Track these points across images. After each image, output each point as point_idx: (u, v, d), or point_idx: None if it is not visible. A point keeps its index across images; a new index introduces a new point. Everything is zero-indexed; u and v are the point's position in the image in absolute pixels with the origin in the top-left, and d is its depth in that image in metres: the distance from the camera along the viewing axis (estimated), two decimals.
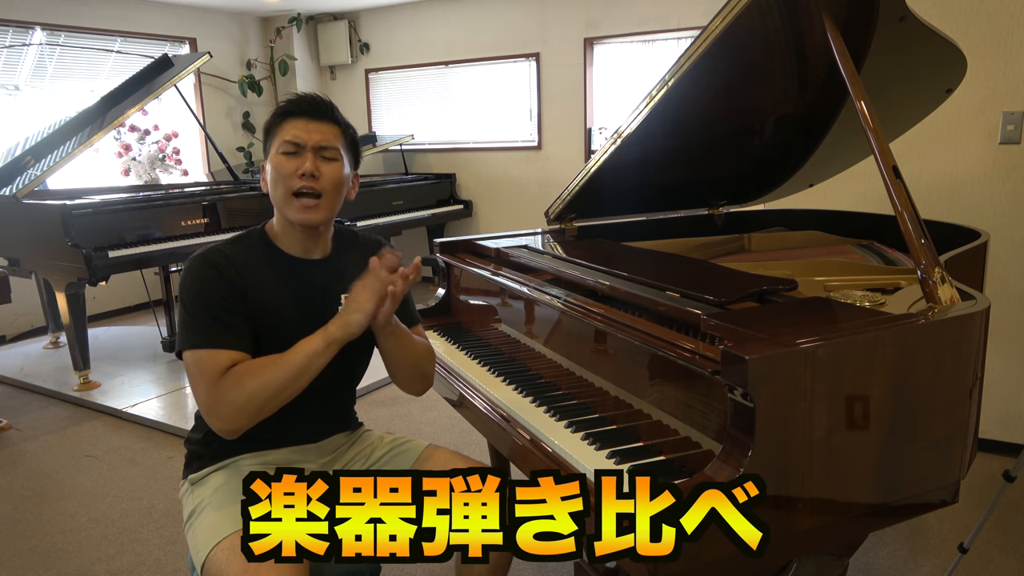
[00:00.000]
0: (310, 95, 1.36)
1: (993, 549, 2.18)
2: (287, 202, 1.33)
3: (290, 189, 1.32)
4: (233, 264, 1.33)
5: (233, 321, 1.29)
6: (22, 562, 2.30)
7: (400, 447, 1.53)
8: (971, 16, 2.57)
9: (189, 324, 1.29)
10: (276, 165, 1.33)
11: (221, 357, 1.26)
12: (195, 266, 1.32)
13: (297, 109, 1.34)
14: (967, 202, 2.70)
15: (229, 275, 1.31)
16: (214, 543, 1.24)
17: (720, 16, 1.44)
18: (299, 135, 1.32)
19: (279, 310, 1.35)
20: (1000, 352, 2.70)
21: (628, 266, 1.57)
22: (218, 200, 4.21)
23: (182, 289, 1.32)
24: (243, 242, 1.39)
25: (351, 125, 1.41)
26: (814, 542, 1.14)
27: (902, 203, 1.30)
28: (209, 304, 1.29)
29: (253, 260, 1.36)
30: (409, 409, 3.43)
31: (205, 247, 1.35)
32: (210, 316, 1.28)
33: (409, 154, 6.21)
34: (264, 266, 1.37)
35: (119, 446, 3.15)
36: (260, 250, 1.39)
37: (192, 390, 1.33)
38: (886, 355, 1.10)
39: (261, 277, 1.35)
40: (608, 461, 1.21)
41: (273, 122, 1.36)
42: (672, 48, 4.93)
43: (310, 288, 1.39)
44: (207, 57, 4.33)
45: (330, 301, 1.41)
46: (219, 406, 1.24)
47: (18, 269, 3.89)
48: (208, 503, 1.33)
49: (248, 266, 1.35)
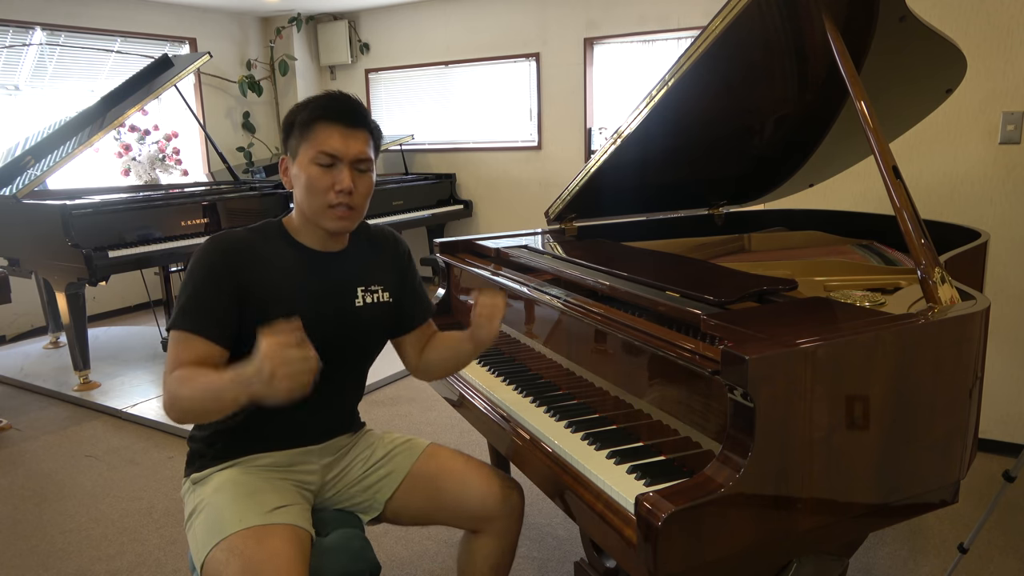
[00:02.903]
0: (344, 97, 1.33)
1: (993, 549, 2.18)
2: (322, 213, 1.34)
3: (326, 203, 1.32)
4: (250, 250, 1.33)
5: (220, 313, 1.28)
6: (22, 562, 2.30)
7: (401, 446, 1.53)
8: (971, 16, 2.57)
9: (182, 303, 1.29)
10: (312, 177, 1.30)
11: (193, 345, 1.26)
12: (207, 248, 1.31)
13: (335, 115, 1.30)
14: (967, 202, 2.70)
15: (238, 263, 1.30)
16: (214, 543, 1.24)
17: (720, 16, 1.44)
18: (336, 148, 1.29)
19: (293, 300, 1.34)
20: (1000, 352, 2.70)
21: (628, 266, 1.57)
22: (218, 200, 4.21)
23: (189, 266, 1.32)
24: (263, 231, 1.39)
25: (376, 123, 1.38)
26: (814, 542, 1.14)
27: (902, 203, 1.30)
28: (203, 290, 1.28)
29: (271, 249, 1.36)
30: (409, 409, 3.43)
31: (226, 230, 1.36)
32: (198, 302, 1.28)
33: (409, 154, 6.21)
34: (282, 256, 1.36)
35: (119, 446, 3.15)
36: (279, 241, 1.38)
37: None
38: (886, 355, 1.10)
39: (277, 266, 1.35)
40: (608, 461, 1.21)
41: (306, 122, 1.31)
42: (672, 48, 4.93)
43: (327, 281, 1.39)
44: (207, 57, 4.33)
45: (347, 293, 1.42)
46: (165, 392, 1.24)
47: (18, 269, 3.89)
48: (209, 502, 1.32)
49: (264, 255, 1.34)
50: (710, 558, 1.00)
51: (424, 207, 5.59)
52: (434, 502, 1.48)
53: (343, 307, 1.41)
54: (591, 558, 1.77)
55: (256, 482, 1.35)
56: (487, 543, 1.48)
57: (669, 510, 0.95)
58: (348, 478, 1.50)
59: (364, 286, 1.44)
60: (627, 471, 1.17)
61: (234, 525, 1.25)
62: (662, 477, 1.12)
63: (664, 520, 0.94)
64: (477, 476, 1.48)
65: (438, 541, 2.32)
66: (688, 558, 0.98)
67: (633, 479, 1.14)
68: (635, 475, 1.15)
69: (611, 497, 1.12)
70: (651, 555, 0.97)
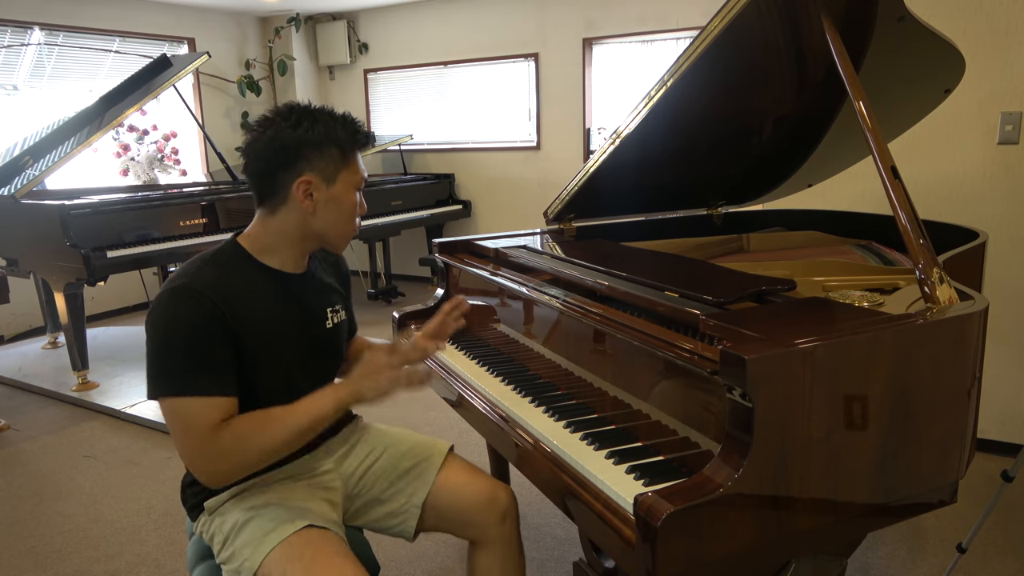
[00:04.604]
0: (362, 124, 1.34)
1: (992, 549, 2.18)
2: (347, 237, 1.35)
3: (354, 228, 1.35)
4: (221, 292, 1.22)
5: (219, 364, 1.20)
6: (21, 562, 2.30)
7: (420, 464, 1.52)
8: (970, 16, 2.57)
9: (169, 367, 1.18)
10: (354, 204, 1.33)
11: (211, 407, 1.18)
12: (174, 301, 1.20)
13: (364, 142, 1.33)
14: (966, 202, 2.70)
15: (215, 308, 1.20)
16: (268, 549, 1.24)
17: (719, 16, 1.44)
18: (364, 174, 1.34)
19: (278, 330, 1.31)
20: (999, 352, 2.71)
21: (627, 266, 1.57)
22: (216, 200, 4.21)
23: (156, 326, 1.19)
24: (223, 263, 1.28)
25: None
26: (813, 542, 1.14)
27: (900, 203, 1.30)
28: (192, 345, 1.18)
29: (243, 280, 1.28)
30: (409, 409, 3.43)
31: (179, 278, 1.23)
32: (193, 360, 1.18)
33: (408, 154, 6.21)
34: (255, 285, 1.30)
35: (118, 446, 3.15)
36: (246, 269, 1.31)
37: (176, 441, 1.20)
38: (885, 355, 1.10)
39: (256, 298, 1.28)
40: (607, 461, 1.21)
41: (350, 147, 1.30)
42: (671, 48, 4.93)
43: (300, 303, 1.38)
44: (206, 57, 4.33)
45: (320, 317, 1.41)
46: (217, 462, 1.19)
47: (16, 269, 3.88)
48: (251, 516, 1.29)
49: (240, 289, 1.26)
50: (709, 558, 1.00)
51: (423, 207, 5.59)
52: (434, 512, 1.49)
53: (319, 333, 1.41)
54: (590, 558, 1.77)
55: (286, 492, 1.35)
56: (490, 557, 1.48)
57: (668, 510, 0.95)
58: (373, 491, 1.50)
59: (331, 307, 1.45)
60: (626, 471, 1.17)
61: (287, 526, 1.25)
62: (661, 477, 1.12)
63: (663, 520, 0.94)
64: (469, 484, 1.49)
65: (437, 541, 2.32)
66: (687, 558, 0.98)
67: (632, 479, 1.14)
68: (634, 475, 1.15)
69: (610, 497, 1.12)
70: (650, 555, 0.97)
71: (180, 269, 1.27)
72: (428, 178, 5.84)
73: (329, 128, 1.27)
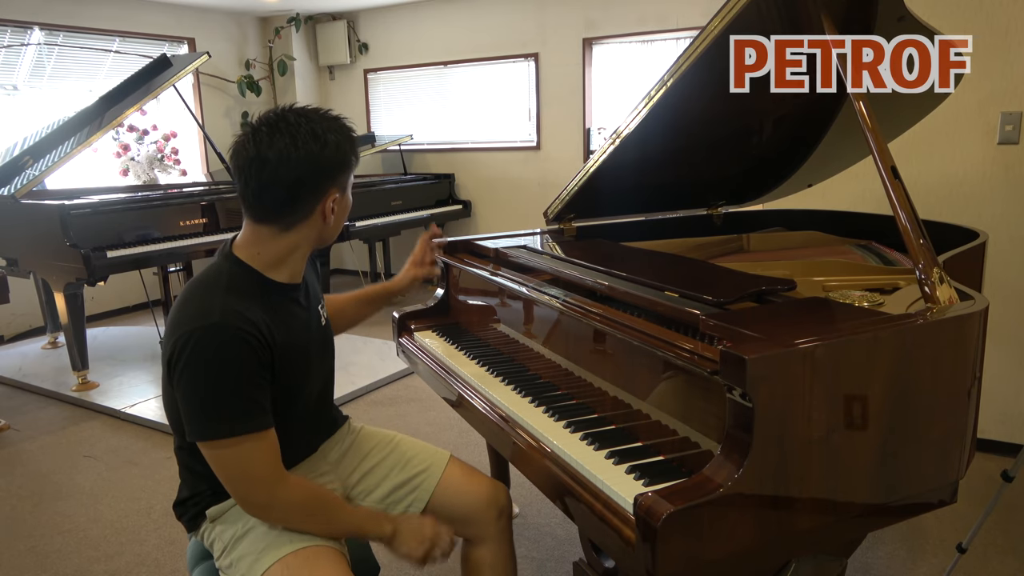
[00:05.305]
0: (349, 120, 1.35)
1: (992, 549, 2.18)
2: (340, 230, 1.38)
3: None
4: (255, 325, 1.18)
5: (265, 396, 1.20)
6: (20, 562, 2.30)
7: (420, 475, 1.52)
8: (970, 16, 2.57)
9: (221, 411, 1.15)
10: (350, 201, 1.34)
11: (267, 445, 1.19)
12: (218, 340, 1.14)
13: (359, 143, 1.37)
14: (966, 202, 2.70)
15: (261, 343, 1.18)
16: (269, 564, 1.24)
17: (719, 16, 1.44)
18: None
19: (300, 345, 1.31)
20: (999, 352, 2.70)
21: (627, 266, 1.57)
22: (216, 200, 4.21)
23: (204, 367, 1.14)
24: (243, 290, 1.23)
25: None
26: (813, 542, 1.14)
27: (900, 203, 1.30)
28: (244, 385, 1.16)
29: (268, 307, 1.24)
30: (408, 409, 3.43)
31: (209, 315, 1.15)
32: (248, 399, 1.17)
33: (408, 154, 6.21)
34: (278, 308, 1.27)
35: (117, 446, 3.15)
36: (263, 291, 1.26)
37: (236, 479, 1.20)
38: (884, 355, 1.10)
39: (280, 322, 1.25)
40: (607, 461, 1.21)
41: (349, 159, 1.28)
42: (671, 48, 4.93)
43: (308, 311, 1.37)
44: (205, 57, 4.33)
45: (316, 316, 1.41)
46: (269, 512, 1.25)
47: (16, 269, 3.88)
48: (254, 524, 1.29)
49: (269, 317, 1.22)
50: (709, 558, 1.00)
51: (423, 207, 5.59)
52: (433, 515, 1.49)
53: (320, 333, 1.42)
54: (590, 558, 1.76)
55: None
56: (485, 552, 1.49)
57: (668, 510, 0.95)
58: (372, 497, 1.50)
59: (320, 304, 1.45)
60: (626, 471, 1.17)
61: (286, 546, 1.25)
62: (661, 477, 1.12)
63: (663, 520, 0.94)
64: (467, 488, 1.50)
65: None
66: (687, 558, 0.98)
67: (632, 479, 1.14)
68: (634, 475, 1.15)
69: (610, 497, 1.12)
70: (650, 555, 0.97)
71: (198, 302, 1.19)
72: (428, 178, 5.84)
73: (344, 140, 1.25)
